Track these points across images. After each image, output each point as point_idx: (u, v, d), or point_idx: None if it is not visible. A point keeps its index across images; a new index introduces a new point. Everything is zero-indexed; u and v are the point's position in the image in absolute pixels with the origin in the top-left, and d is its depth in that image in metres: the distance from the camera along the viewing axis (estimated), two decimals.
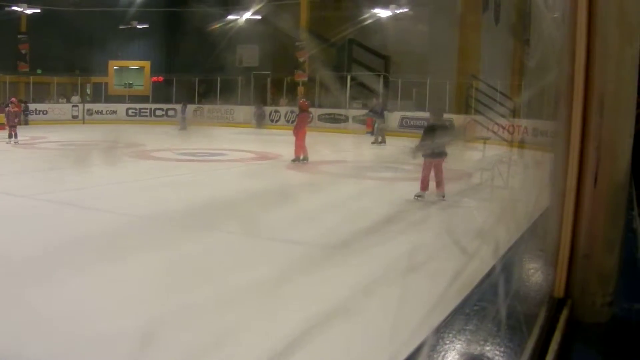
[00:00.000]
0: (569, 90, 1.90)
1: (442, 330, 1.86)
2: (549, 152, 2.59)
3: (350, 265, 7.92)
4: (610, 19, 1.89)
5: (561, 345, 1.80)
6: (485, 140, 16.88)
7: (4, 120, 28.04)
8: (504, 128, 21.72)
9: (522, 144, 21.62)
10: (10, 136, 26.03)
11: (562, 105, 1.96)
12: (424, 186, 13.52)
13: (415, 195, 13.54)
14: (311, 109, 35.78)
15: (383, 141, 28.49)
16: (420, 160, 14.04)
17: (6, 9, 41.38)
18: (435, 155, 13.60)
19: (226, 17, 41.54)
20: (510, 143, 21.06)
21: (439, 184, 13.53)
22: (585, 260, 2.00)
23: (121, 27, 45.10)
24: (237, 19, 41.84)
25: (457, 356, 1.73)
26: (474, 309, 2.00)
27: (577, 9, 1.88)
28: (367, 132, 31.70)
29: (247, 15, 41.62)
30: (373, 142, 28.64)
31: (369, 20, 36.43)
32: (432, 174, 13.41)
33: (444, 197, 13.50)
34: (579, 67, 1.88)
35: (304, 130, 20.05)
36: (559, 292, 2.03)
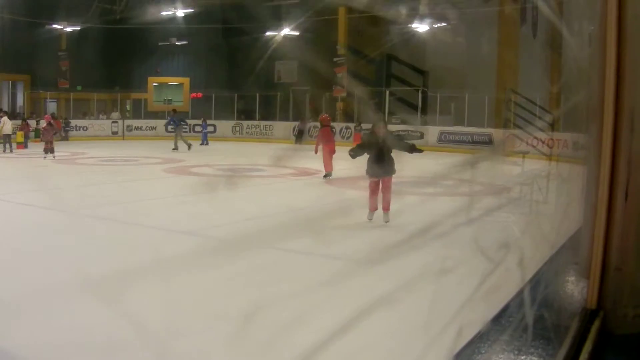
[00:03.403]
0: (599, 106, 1.94)
1: (478, 341, 1.91)
2: (583, 166, 2.62)
3: None
4: None
5: (592, 355, 1.83)
6: (524, 154, 16.75)
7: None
8: (542, 142, 21.52)
9: (560, 158, 21.45)
10: (45, 152, 26.48)
11: (593, 121, 1.99)
12: (371, 207, 12.52)
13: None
14: (349, 124, 35.96)
15: (178, 146, 32.37)
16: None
17: (47, 27, 42.07)
18: (381, 174, 12.40)
19: (264, 33, 41.79)
20: (549, 157, 20.90)
21: (385, 205, 12.47)
22: (617, 272, 2.02)
23: (160, 43, 45.57)
24: (275, 35, 42.08)
25: None
26: (509, 320, 2.04)
27: (606, 26, 1.92)
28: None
29: (285, 31, 41.84)
30: (174, 149, 31.98)
31: (407, 36, 36.46)
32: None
33: (386, 222, 12.39)
34: (609, 84, 1.91)
35: (331, 145, 19.84)
36: (592, 303, 2.06)
